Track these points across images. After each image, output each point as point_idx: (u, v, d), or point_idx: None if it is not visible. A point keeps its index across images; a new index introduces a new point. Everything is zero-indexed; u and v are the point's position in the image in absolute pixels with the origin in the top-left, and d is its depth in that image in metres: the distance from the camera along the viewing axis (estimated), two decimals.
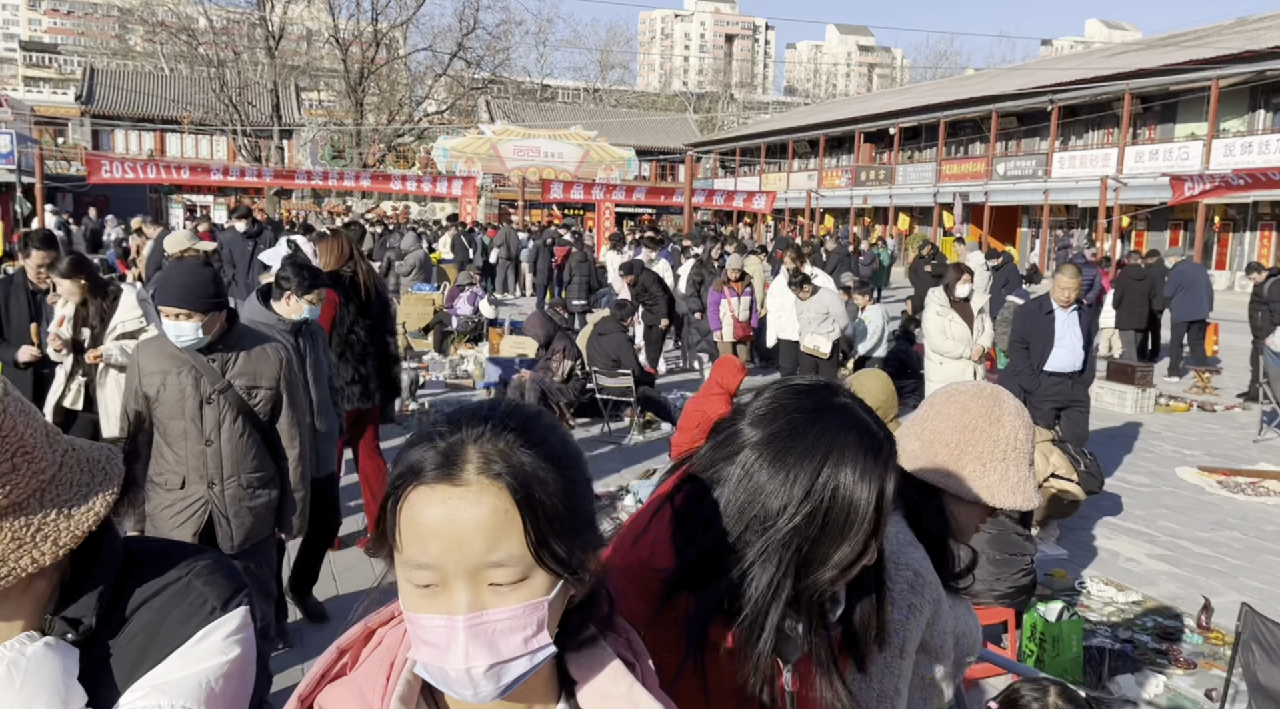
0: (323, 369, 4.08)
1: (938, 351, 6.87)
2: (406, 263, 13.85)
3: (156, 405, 3.02)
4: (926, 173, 36.99)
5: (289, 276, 3.78)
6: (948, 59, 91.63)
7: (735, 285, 9.05)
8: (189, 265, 3.03)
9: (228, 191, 42.32)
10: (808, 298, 7.81)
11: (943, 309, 6.83)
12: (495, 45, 38.55)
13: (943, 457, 1.47)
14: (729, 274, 9.07)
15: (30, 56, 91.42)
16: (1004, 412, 1.47)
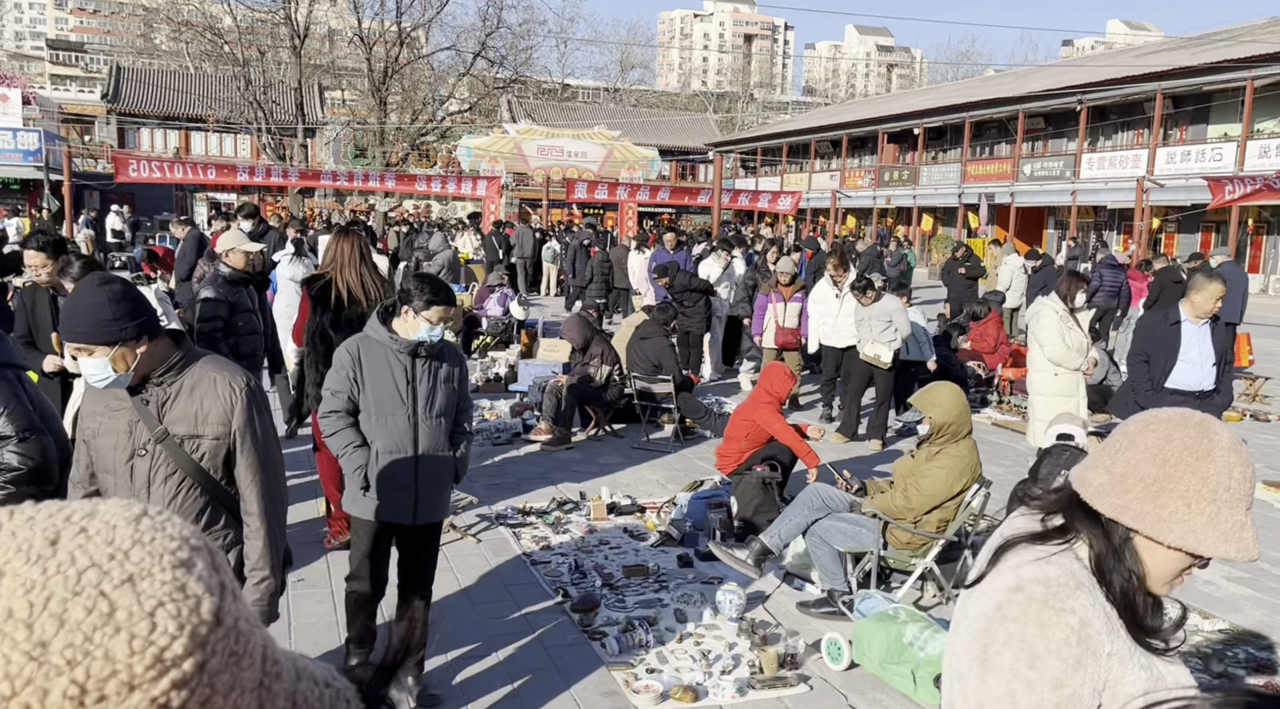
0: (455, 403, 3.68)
1: (1056, 362, 6.27)
2: (435, 263, 13.75)
3: (93, 452, 2.49)
4: (951, 173, 36.64)
5: (409, 289, 3.42)
6: (969, 59, 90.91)
7: (785, 290, 8.86)
8: (85, 288, 2.35)
9: (250, 190, 42.58)
10: (870, 304, 7.56)
11: (1063, 316, 6.27)
12: (518, 44, 38.50)
13: (1137, 493, 1.31)
14: (779, 277, 8.88)
15: (57, 55, 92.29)
16: (1215, 444, 1.29)
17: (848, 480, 4.70)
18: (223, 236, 5.73)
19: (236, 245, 5.55)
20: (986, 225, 32.40)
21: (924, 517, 4.27)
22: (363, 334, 3.46)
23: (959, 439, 4.32)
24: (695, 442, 8.08)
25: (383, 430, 3.39)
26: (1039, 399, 6.39)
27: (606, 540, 5.43)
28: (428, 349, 3.38)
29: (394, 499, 3.45)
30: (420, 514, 3.52)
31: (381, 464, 3.43)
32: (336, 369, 3.44)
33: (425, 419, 3.41)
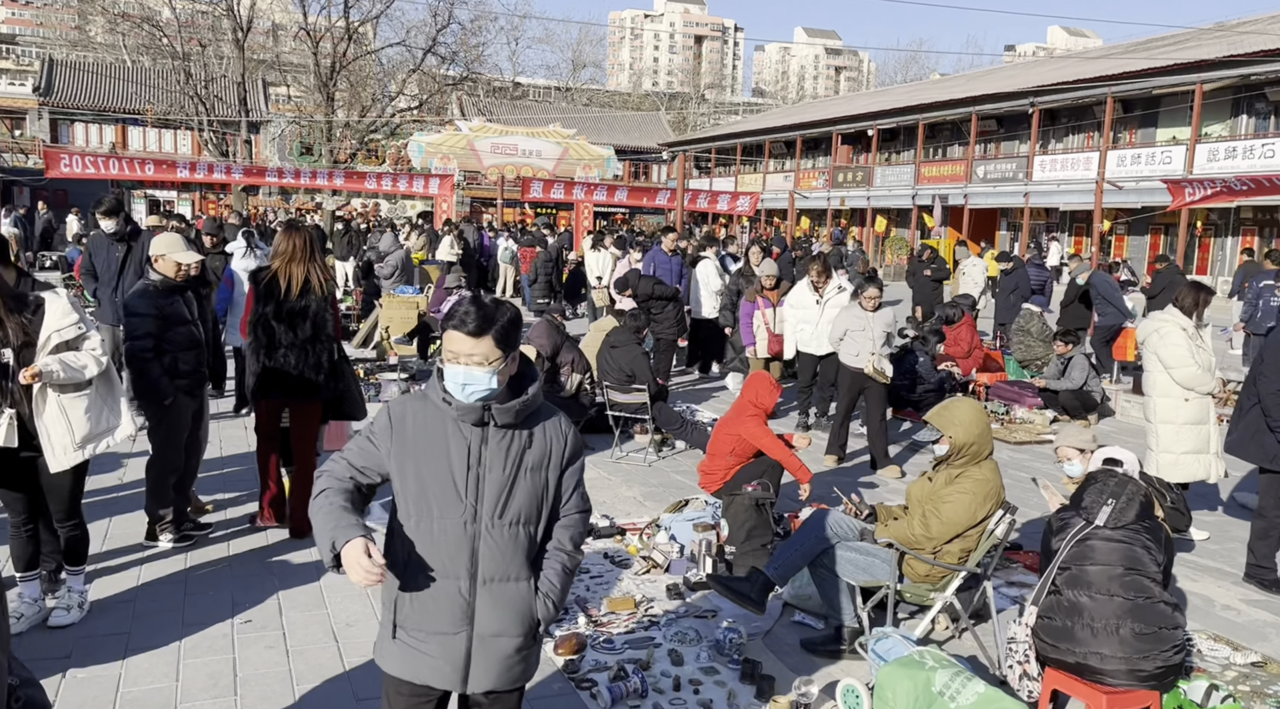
0: None
1: (1188, 386, 5.51)
2: (388, 264, 13.14)
3: None
4: (905, 175, 36.80)
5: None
6: (917, 63, 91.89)
7: (770, 294, 8.43)
8: None
9: (192, 187, 41.14)
10: (874, 309, 7.12)
11: (1191, 334, 5.56)
12: (469, 41, 37.73)
13: None
14: (762, 281, 8.45)
15: None
16: None
17: (856, 505, 4.30)
18: (157, 239, 5.12)
19: (169, 252, 4.95)
20: (941, 227, 32.52)
21: (944, 546, 3.90)
22: (420, 392, 2.35)
23: (980, 460, 3.95)
24: (672, 454, 7.66)
25: (425, 539, 2.26)
26: (1167, 428, 5.61)
27: (587, 568, 4.98)
28: (502, 414, 2.21)
29: (433, 651, 2.29)
30: (474, 679, 2.31)
31: (419, 592, 2.28)
32: (365, 434, 2.36)
33: (492, 526, 2.25)
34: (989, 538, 3.89)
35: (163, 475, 5.00)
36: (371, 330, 12.59)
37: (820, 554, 4.05)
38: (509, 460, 2.25)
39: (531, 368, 2.35)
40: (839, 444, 7.40)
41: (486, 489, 2.24)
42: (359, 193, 37.54)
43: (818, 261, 8.00)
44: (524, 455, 2.28)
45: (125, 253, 6.95)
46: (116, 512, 5.68)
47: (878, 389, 7.06)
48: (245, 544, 5.24)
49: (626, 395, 7.26)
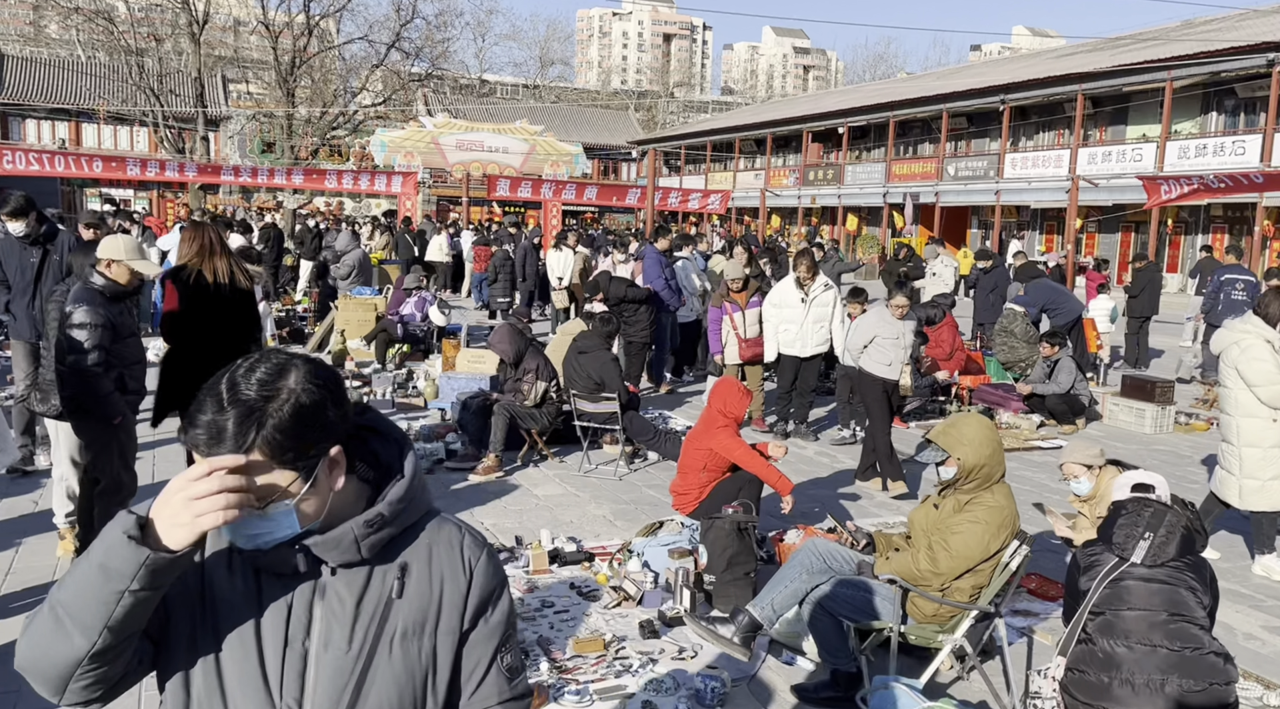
0: None
1: (1275, 405, 4.94)
2: (344, 264, 12.55)
3: None
4: (876, 173, 36.61)
5: None
6: (885, 62, 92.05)
7: (738, 297, 7.95)
8: None
9: (149, 186, 40.02)
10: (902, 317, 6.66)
11: (1278, 346, 4.99)
12: (434, 36, 36.99)
13: None
14: (729, 284, 7.96)
15: None
16: None
17: (852, 533, 3.85)
18: (107, 241, 4.57)
19: (125, 258, 4.43)
20: (912, 225, 32.34)
21: (954, 582, 3.46)
22: None
23: (992, 484, 3.52)
24: (644, 466, 7.18)
25: None
26: (1253, 453, 5.03)
27: (550, 601, 4.49)
28: (333, 550, 1.31)
29: None
30: None
31: None
32: None
33: None
34: (1003, 572, 3.45)
35: (119, 504, 4.48)
36: (327, 334, 12.00)
37: (812, 590, 3.60)
38: (359, 627, 1.33)
39: (395, 454, 1.42)
40: (893, 467, 6.53)
41: (319, 680, 1.31)
42: (321, 191, 36.67)
43: (806, 258, 7.52)
44: (388, 613, 1.34)
45: (41, 258, 6.05)
46: (30, 533, 5.11)
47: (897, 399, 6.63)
48: None
49: (595, 404, 6.77)
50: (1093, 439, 6.27)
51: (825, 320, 7.65)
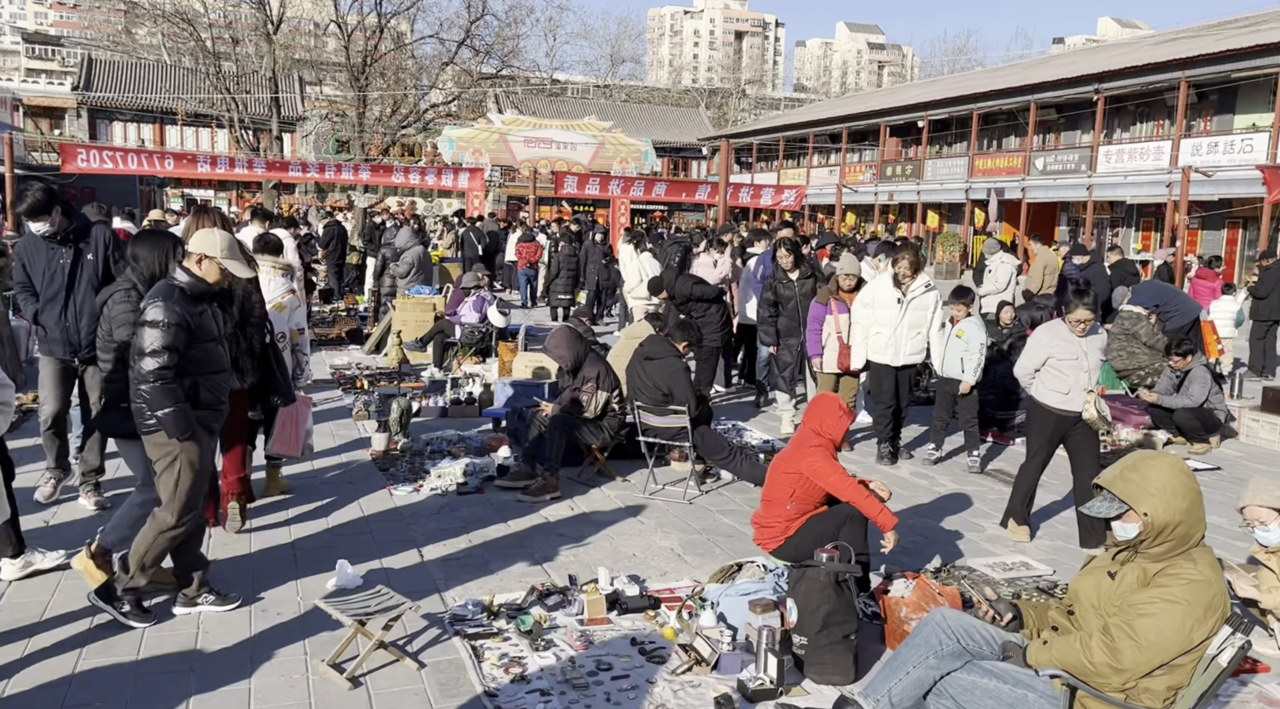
0: None
1: None
2: (403, 262, 12.02)
3: None
4: (958, 168, 35.07)
5: None
6: (964, 55, 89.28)
7: (848, 296, 7.06)
8: None
9: (228, 185, 40.65)
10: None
11: None
12: (504, 34, 36.71)
13: None
14: (840, 281, 7.07)
15: (33, 49, 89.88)
16: None
17: (993, 605, 3.01)
18: (201, 235, 4.03)
19: (218, 255, 3.93)
20: (996, 222, 30.81)
21: (1141, 681, 2.61)
22: None
23: (1190, 549, 2.65)
24: (717, 487, 6.40)
25: None
26: None
27: (607, 663, 3.75)
28: None
29: None
30: None
31: None
32: None
33: None
34: (1208, 670, 2.58)
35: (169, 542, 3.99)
36: (384, 335, 11.49)
37: (941, 680, 2.78)
38: None
39: None
40: (1025, 509, 5.60)
41: None
42: (392, 189, 36.70)
43: (908, 253, 6.54)
44: None
45: (74, 259, 5.28)
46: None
47: (1088, 438, 5.39)
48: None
49: (663, 418, 6.01)
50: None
51: (923, 325, 6.71)
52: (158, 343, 3.77)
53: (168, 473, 3.94)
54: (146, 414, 3.87)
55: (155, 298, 3.86)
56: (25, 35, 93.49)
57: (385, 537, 5.25)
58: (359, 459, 6.88)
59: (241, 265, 4.15)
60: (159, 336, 3.77)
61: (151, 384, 3.78)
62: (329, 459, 6.82)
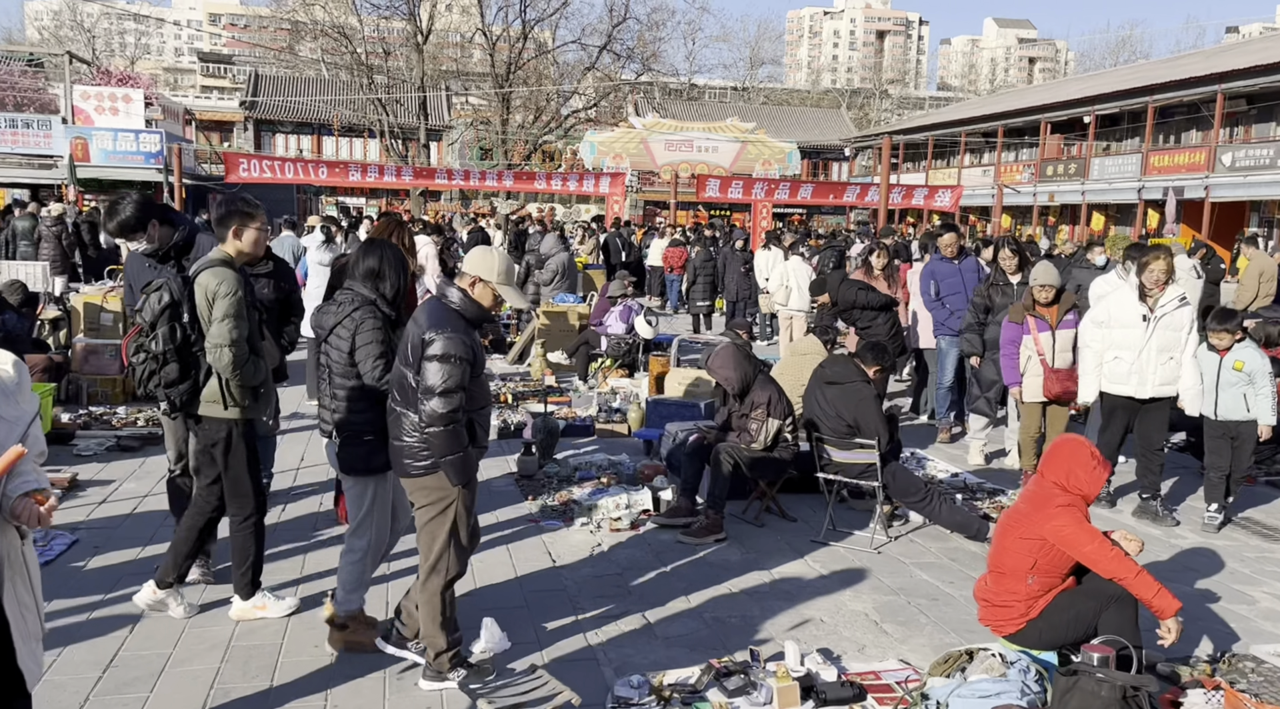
0: None
1: None
2: (548, 269, 11.59)
3: None
4: (1129, 165, 32.42)
5: None
6: (1128, 48, 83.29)
7: (1046, 312, 6.11)
8: None
9: (380, 193, 42.03)
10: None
11: None
12: (646, 37, 36.40)
13: None
14: (1035, 294, 6.08)
15: (208, 68, 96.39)
16: None
17: None
18: (476, 255, 3.54)
19: (495, 280, 3.50)
20: (1174, 223, 28.25)
21: None
22: None
23: None
24: (906, 531, 5.53)
25: None
26: None
27: None
28: None
29: None
30: None
31: None
32: None
33: None
34: None
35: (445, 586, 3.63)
36: (527, 345, 11.08)
37: None
38: None
39: None
40: None
41: None
42: (532, 196, 36.96)
43: (1163, 256, 5.42)
44: None
45: (178, 273, 4.27)
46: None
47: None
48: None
49: (847, 453, 5.20)
50: None
51: (1175, 349, 5.53)
52: (451, 381, 3.28)
53: (437, 521, 3.50)
54: (422, 456, 3.43)
55: (440, 327, 3.33)
56: (201, 55, 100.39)
57: (533, 582, 4.66)
58: (501, 477, 6.38)
59: (518, 293, 3.64)
60: (451, 373, 3.28)
61: (442, 428, 3.30)
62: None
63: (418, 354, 3.34)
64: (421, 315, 3.43)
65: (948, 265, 7.69)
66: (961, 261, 7.70)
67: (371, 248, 3.91)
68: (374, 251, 3.87)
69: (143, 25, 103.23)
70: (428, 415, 3.30)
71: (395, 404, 3.49)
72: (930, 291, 7.70)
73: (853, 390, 5.26)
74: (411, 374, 3.38)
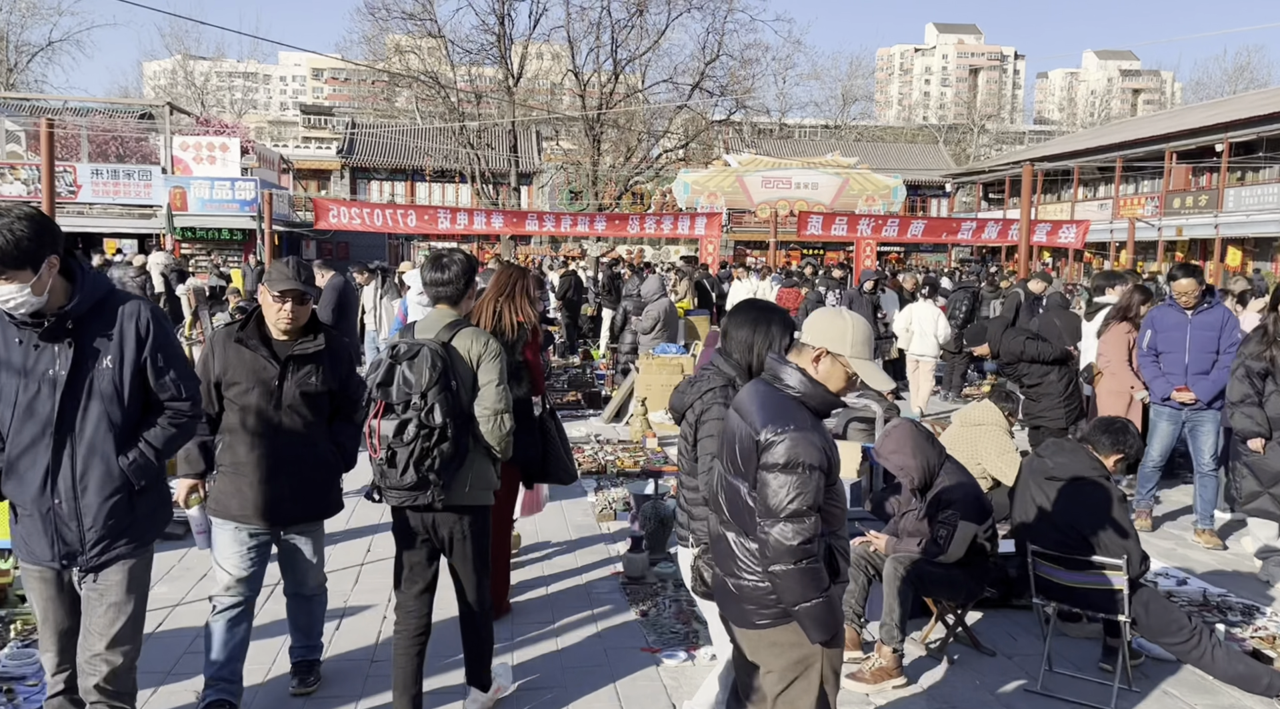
0: None
1: None
2: (648, 316, 10.41)
3: None
4: (1270, 195, 29.85)
5: None
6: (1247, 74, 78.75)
7: None
8: None
9: (470, 238, 42.04)
10: None
11: None
12: (738, 73, 35.47)
13: None
14: None
15: (309, 119, 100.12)
16: None
17: None
18: (820, 320, 2.83)
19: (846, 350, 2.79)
20: None
21: None
22: None
23: None
24: (1159, 682, 4.07)
25: None
26: None
27: None
28: None
29: None
30: None
31: None
32: None
33: None
34: None
35: None
36: (626, 400, 9.91)
37: None
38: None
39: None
40: None
41: None
42: (623, 238, 36.23)
43: None
44: None
45: (72, 364, 2.74)
46: None
47: None
48: None
49: (1080, 575, 3.80)
50: None
51: None
52: (802, 499, 2.39)
53: (796, 690, 2.59)
54: (769, 601, 2.53)
55: (779, 423, 2.46)
56: (303, 108, 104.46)
57: None
58: (604, 579, 5.18)
59: (880, 373, 2.67)
60: (801, 488, 2.40)
61: (793, 564, 2.40)
62: (567, 581, 5.15)
63: (750, 460, 2.45)
64: (749, 404, 2.56)
65: (1176, 315, 6.13)
66: (1197, 314, 6.08)
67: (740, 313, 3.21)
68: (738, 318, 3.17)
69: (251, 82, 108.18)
70: (772, 547, 2.41)
71: (724, 527, 2.61)
72: (1143, 345, 6.20)
73: (1089, 490, 3.86)
74: (745, 487, 2.50)
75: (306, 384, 3.49)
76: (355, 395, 3.65)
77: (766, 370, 2.63)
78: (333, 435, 3.64)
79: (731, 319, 3.15)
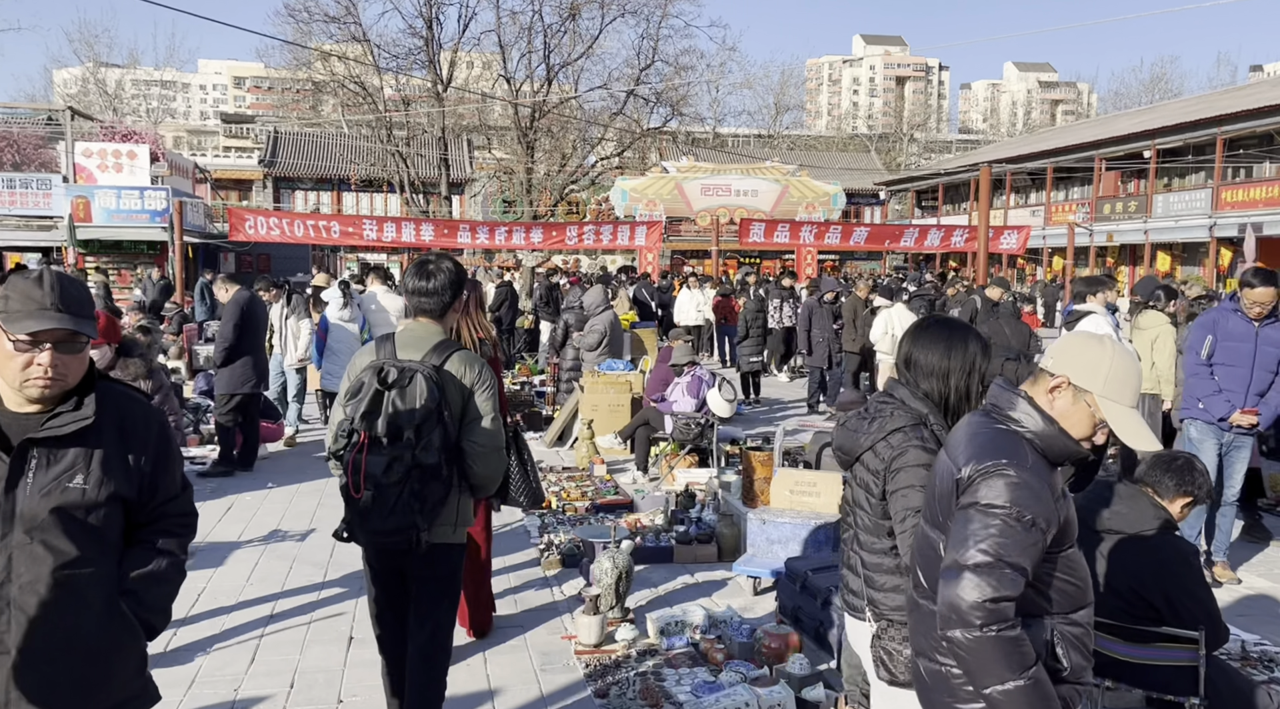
0: None
1: None
2: (593, 330, 9.56)
3: None
4: (1197, 201, 30.41)
5: None
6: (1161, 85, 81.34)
7: None
8: None
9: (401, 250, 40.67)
10: None
11: None
12: (674, 80, 34.90)
13: None
14: None
15: (230, 128, 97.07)
16: None
17: None
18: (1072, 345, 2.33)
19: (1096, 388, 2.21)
20: (1251, 263, 26.05)
21: None
22: None
23: None
24: None
25: None
26: None
27: None
28: None
29: None
30: None
31: None
32: None
33: None
34: None
35: None
36: (569, 422, 9.07)
37: None
38: None
39: None
40: None
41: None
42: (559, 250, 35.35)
43: None
44: None
45: None
46: None
47: None
48: None
49: (1145, 650, 3.09)
50: None
51: None
52: (1002, 549, 1.88)
53: None
54: (965, 692, 2.00)
55: (995, 457, 1.98)
56: (224, 117, 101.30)
57: None
58: (557, 650, 4.33)
59: (1143, 429, 2.03)
60: (1002, 535, 1.89)
61: (978, 631, 1.87)
62: (509, 652, 4.29)
63: (949, 507, 2.02)
64: (957, 438, 2.10)
65: (1243, 324, 5.25)
66: (1264, 326, 5.22)
67: (927, 330, 2.63)
68: (924, 336, 2.61)
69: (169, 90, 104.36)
70: (947, 604, 1.91)
71: (919, 595, 2.16)
72: (1200, 352, 5.34)
73: (1156, 551, 3.15)
74: (942, 542, 2.05)
75: (65, 491, 1.96)
76: (173, 503, 2.18)
77: (987, 399, 2.13)
78: (122, 582, 2.06)
79: (916, 341, 2.57)
